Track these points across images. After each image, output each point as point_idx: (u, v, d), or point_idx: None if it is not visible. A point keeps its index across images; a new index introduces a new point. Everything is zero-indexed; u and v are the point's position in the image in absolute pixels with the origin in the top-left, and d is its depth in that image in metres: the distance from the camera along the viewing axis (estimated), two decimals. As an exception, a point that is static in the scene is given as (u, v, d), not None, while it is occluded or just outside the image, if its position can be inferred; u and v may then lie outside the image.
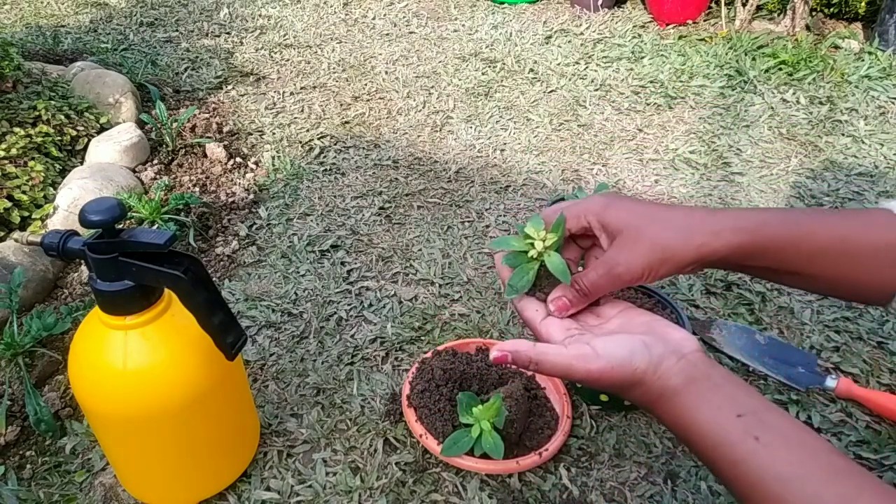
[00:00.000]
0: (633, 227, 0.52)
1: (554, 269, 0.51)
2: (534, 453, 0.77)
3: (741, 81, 1.75)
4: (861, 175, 1.38)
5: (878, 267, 0.51)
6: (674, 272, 0.53)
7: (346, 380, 0.91)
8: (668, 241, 0.51)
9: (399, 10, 2.27)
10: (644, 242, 0.51)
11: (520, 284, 0.54)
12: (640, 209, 0.53)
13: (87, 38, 2.00)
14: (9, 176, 1.17)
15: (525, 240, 0.53)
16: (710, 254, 0.51)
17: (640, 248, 0.51)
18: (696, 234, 0.51)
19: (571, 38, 2.03)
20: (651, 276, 0.52)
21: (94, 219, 0.57)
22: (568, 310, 0.54)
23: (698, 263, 0.52)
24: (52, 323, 0.92)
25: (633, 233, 0.52)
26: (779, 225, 0.51)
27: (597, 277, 0.52)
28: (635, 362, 0.47)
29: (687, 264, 0.52)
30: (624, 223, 0.52)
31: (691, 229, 0.51)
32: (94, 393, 0.64)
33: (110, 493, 0.77)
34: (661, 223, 0.52)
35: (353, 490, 0.76)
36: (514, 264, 0.54)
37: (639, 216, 0.52)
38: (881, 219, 0.51)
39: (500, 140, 1.52)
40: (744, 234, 0.51)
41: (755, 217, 0.52)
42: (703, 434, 0.45)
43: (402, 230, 1.23)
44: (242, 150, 1.49)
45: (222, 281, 1.10)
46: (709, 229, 0.51)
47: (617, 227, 0.52)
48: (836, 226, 0.51)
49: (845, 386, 0.86)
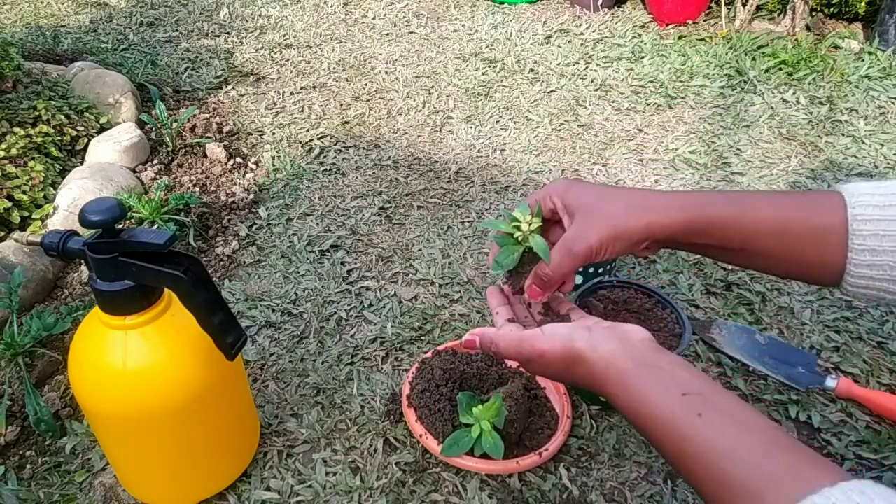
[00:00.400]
0: (588, 204, 0.56)
1: (538, 248, 0.56)
2: (534, 453, 0.77)
3: (741, 81, 1.75)
4: (861, 175, 1.38)
5: (818, 247, 0.52)
6: (627, 249, 0.56)
7: (346, 380, 0.91)
8: (619, 218, 0.55)
9: (399, 10, 2.27)
10: (598, 219, 0.55)
11: (505, 262, 0.59)
12: (596, 190, 0.57)
13: (87, 38, 2.00)
14: (9, 176, 1.17)
15: (512, 223, 0.58)
16: (660, 230, 0.54)
17: (594, 224, 0.55)
18: (646, 212, 0.55)
19: (571, 38, 2.03)
20: (606, 252, 0.56)
21: (94, 219, 0.57)
22: (539, 295, 0.59)
23: (650, 240, 0.56)
24: (52, 323, 0.92)
25: (588, 210, 0.56)
26: (723, 204, 0.55)
27: (558, 258, 0.56)
28: (575, 340, 0.51)
29: (639, 240, 0.55)
30: (581, 202, 0.57)
31: (642, 207, 0.55)
32: (94, 393, 0.64)
33: (110, 493, 0.77)
34: (614, 200, 0.56)
35: (353, 490, 0.76)
36: (502, 244, 0.59)
37: (594, 196, 0.57)
38: (826, 200, 0.52)
39: (500, 140, 1.52)
40: (690, 212, 0.54)
41: (702, 197, 0.56)
42: (651, 414, 0.46)
43: (402, 230, 1.23)
44: (242, 150, 1.49)
45: (222, 281, 1.10)
46: (659, 206, 0.55)
47: (577, 206, 0.57)
48: (777, 206, 0.54)
49: (845, 386, 0.86)
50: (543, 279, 0.58)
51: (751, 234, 0.54)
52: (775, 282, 1.08)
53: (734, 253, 0.56)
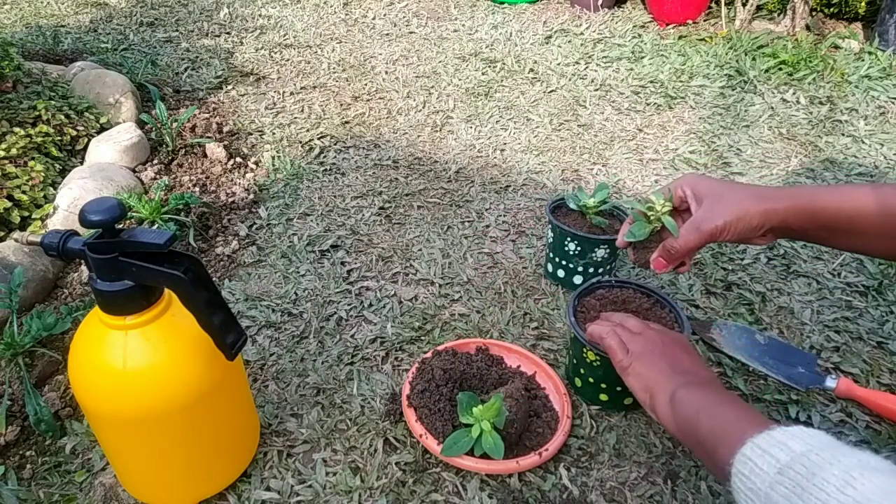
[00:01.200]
0: (715, 193, 0.68)
1: (668, 224, 0.70)
2: (534, 453, 0.77)
3: (741, 81, 1.75)
4: (861, 175, 1.38)
5: None
6: (747, 234, 0.67)
7: (346, 380, 0.91)
8: (742, 203, 0.65)
9: (399, 10, 2.28)
10: (724, 204, 0.66)
11: (639, 233, 0.73)
12: (721, 182, 0.70)
13: (87, 38, 2.00)
14: (9, 176, 1.17)
15: (646, 204, 0.72)
16: (775, 216, 0.65)
17: (721, 207, 0.66)
18: (763, 200, 0.66)
19: (571, 38, 2.03)
20: (728, 233, 0.66)
21: (94, 219, 0.57)
22: (664, 267, 0.73)
23: (766, 226, 0.66)
24: (52, 323, 0.92)
25: (715, 197, 0.67)
26: (827, 192, 0.65)
27: (686, 234, 0.68)
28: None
29: (758, 225, 0.66)
30: (710, 190, 0.68)
31: (761, 196, 0.66)
32: (94, 393, 0.64)
33: (110, 493, 0.77)
34: (739, 190, 0.68)
35: (353, 490, 0.76)
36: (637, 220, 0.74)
37: (721, 185, 0.69)
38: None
39: (500, 140, 1.52)
40: (799, 199, 0.65)
41: (810, 188, 0.68)
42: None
43: (402, 230, 1.23)
44: (242, 150, 1.49)
45: (222, 281, 1.10)
46: (773, 196, 0.66)
47: (705, 194, 0.69)
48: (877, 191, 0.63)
49: (845, 386, 0.86)
50: (671, 252, 0.70)
51: (855, 216, 0.64)
52: (775, 281, 1.08)
53: (842, 235, 0.66)
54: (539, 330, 0.99)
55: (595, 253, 1.00)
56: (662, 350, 0.72)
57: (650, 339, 0.74)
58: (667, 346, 0.73)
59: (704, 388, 0.65)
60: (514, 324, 1.00)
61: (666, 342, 0.74)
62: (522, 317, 1.02)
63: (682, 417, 0.63)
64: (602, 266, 1.03)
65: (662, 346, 0.72)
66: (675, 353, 0.72)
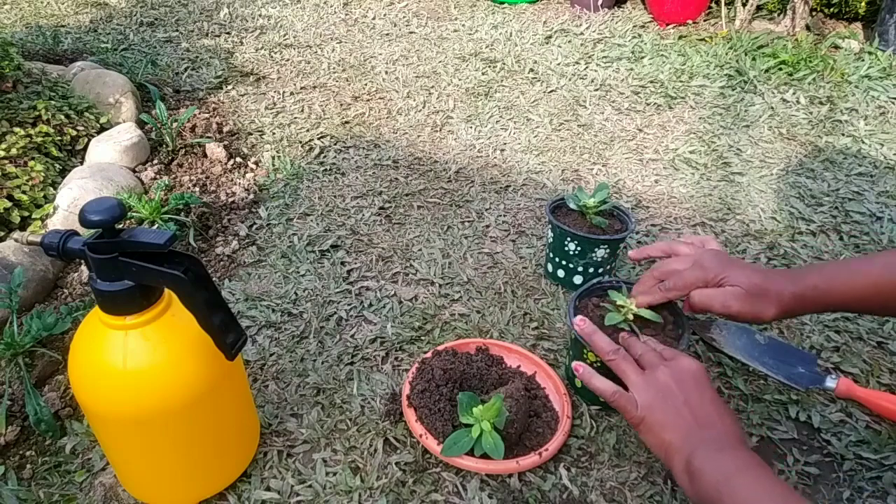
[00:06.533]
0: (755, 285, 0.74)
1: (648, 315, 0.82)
2: (534, 453, 0.77)
3: (741, 81, 1.75)
4: (861, 175, 1.38)
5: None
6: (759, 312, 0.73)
7: (346, 380, 0.91)
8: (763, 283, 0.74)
9: (399, 10, 2.28)
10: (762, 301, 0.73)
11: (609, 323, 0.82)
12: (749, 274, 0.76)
13: (87, 38, 2.00)
14: (9, 176, 1.17)
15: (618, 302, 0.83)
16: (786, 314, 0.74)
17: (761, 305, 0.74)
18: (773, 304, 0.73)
19: (571, 38, 2.03)
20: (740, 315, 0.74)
21: (94, 219, 0.56)
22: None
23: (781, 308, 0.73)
24: (52, 323, 0.92)
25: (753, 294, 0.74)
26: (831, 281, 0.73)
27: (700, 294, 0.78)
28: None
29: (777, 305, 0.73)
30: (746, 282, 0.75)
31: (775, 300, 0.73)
32: (94, 393, 0.64)
33: (110, 493, 0.77)
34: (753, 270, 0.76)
35: (353, 490, 0.76)
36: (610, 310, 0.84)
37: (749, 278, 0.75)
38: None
39: (500, 140, 1.52)
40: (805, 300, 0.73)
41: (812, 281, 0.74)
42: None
43: (402, 230, 1.23)
44: (242, 150, 1.49)
45: (222, 281, 1.10)
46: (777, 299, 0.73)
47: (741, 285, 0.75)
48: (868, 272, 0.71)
49: (845, 386, 0.86)
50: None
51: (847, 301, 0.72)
52: (775, 282, 1.08)
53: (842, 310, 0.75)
54: (539, 330, 0.99)
55: (595, 253, 1.00)
56: (676, 392, 0.67)
57: (663, 384, 0.68)
58: (681, 386, 0.68)
59: (724, 452, 0.61)
60: (514, 324, 1.00)
61: (682, 382, 0.68)
62: (522, 317, 1.02)
63: (703, 491, 0.59)
64: (602, 266, 1.03)
65: (677, 387, 0.68)
66: (691, 395, 0.67)
